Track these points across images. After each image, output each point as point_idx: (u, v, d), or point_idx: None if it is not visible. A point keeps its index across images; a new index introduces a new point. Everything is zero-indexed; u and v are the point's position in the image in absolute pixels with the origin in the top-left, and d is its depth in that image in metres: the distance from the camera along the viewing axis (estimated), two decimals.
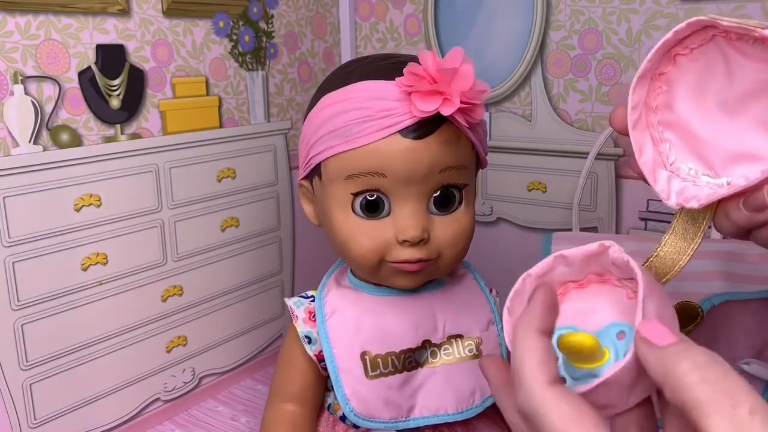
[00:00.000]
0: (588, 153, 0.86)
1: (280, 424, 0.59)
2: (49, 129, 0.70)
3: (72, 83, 0.71)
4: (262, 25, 0.93)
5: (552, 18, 0.89)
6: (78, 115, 0.72)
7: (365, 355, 0.54)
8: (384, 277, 0.54)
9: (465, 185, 0.53)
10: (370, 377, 0.54)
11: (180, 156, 0.84)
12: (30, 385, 0.71)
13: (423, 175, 0.50)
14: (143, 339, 0.82)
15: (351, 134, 0.50)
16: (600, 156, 0.86)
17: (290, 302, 0.60)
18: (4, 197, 0.67)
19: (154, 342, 0.84)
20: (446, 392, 0.56)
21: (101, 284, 0.77)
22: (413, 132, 0.49)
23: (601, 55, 0.86)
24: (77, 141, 0.72)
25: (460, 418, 0.56)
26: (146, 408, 0.84)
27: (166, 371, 0.86)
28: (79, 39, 0.72)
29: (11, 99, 0.66)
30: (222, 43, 0.88)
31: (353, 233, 0.52)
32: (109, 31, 0.74)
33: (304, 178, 0.57)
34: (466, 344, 0.57)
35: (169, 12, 0.80)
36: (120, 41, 0.76)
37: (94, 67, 0.73)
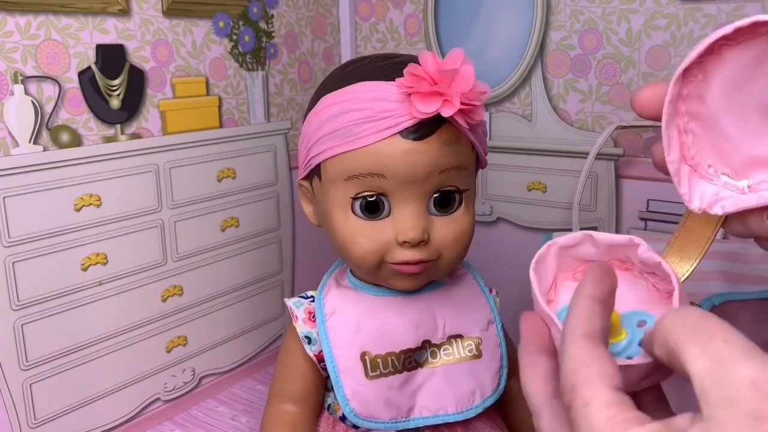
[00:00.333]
0: (588, 153, 0.86)
1: (280, 425, 0.59)
2: (49, 129, 0.70)
3: (72, 83, 0.71)
4: (262, 25, 0.93)
5: (552, 18, 0.89)
6: (78, 115, 0.72)
7: (365, 356, 0.54)
8: (384, 279, 0.54)
9: (465, 186, 0.53)
10: (370, 377, 0.54)
11: (180, 156, 0.84)
12: (30, 385, 0.71)
13: (423, 176, 0.50)
14: (143, 339, 0.82)
15: (351, 135, 0.50)
16: (600, 156, 0.86)
17: (290, 302, 0.59)
18: (4, 197, 0.67)
19: (154, 342, 0.84)
20: (446, 392, 0.56)
21: (101, 284, 0.77)
22: (413, 133, 0.49)
23: (601, 55, 0.86)
24: (77, 141, 0.72)
25: (460, 418, 0.56)
26: (146, 408, 0.84)
27: (166, 371, 0.86)
28: (79, 39, 0.72)
29: (11, 99, 0.66)
30: (222, 43, 0.88)
31: (353, 234, 0.52)
32: (109, 31, 0.74)
33: (304, 179, 0.57)
34: (466, 344, 0.57)
35: (169, 12, 0.80)
36: (120, 41, 0.76)
37: (94, 67, 0.73)
